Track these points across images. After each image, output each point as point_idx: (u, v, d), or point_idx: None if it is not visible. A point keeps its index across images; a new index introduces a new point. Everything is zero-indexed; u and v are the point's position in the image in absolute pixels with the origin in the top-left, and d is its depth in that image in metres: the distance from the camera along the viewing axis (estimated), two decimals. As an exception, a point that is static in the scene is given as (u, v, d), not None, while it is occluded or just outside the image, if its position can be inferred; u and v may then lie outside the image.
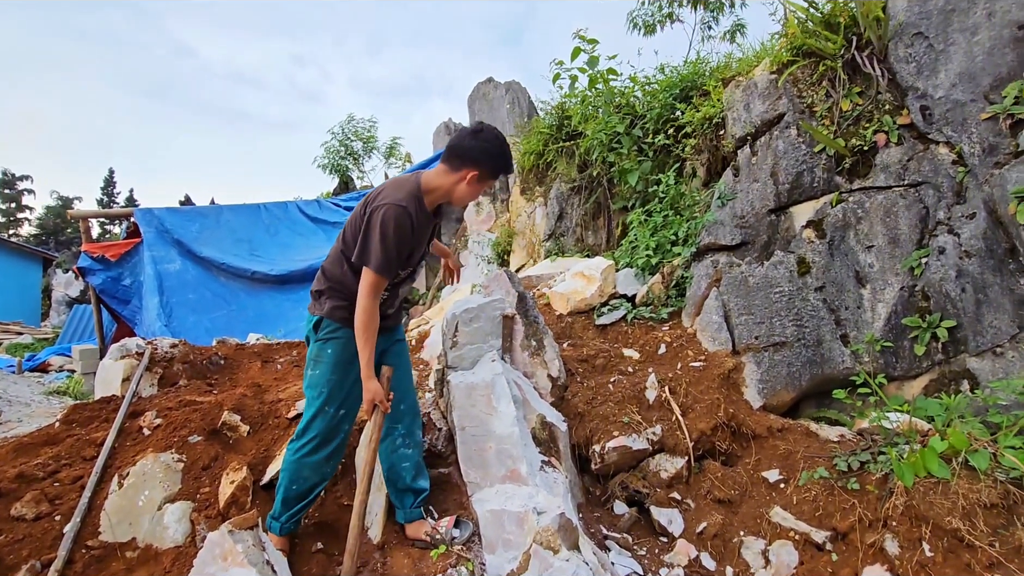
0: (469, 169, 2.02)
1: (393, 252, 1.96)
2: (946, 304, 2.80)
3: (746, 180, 3.56)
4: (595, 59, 4.72)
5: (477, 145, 2.02)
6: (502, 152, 2.05)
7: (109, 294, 7.46)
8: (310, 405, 2.21)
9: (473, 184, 2.05)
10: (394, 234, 1.94)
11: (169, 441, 2.78)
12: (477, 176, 2.04)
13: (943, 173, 2.95)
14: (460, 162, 2.03)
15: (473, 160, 2.02)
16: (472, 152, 2.02)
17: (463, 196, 2.09)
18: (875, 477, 2.26)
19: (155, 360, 3.56)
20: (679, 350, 3.28)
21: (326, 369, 2.16)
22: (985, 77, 2.88)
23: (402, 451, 2.41)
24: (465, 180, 2.04)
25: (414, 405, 2.49)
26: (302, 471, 2.22)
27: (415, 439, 2.46)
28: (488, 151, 2.02)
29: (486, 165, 2.03)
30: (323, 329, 2.17)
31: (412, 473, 2.45)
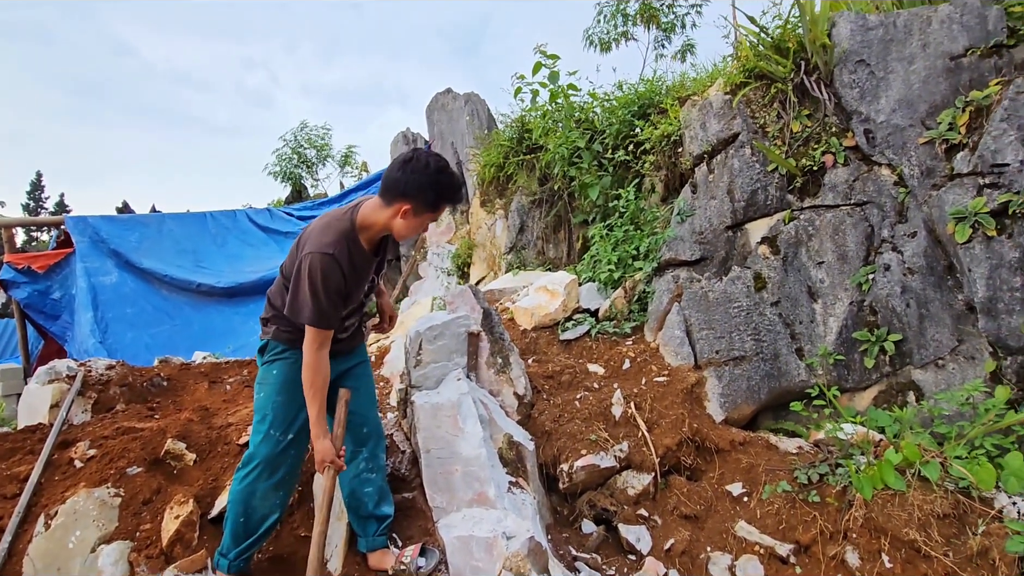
0: (401, 203, 1.84)
1: (325, 304, 1.84)
2: (892, 319, 2.94)
3: (704, 197, 3.65)
4: (556, 74, 4.76)
5: (405, 177, 1.82)
6: (436, 182, 1.83)
7: (36, 309, 6.90)
8: (256, 430, 2.08)
9: (409, 218, 1.87)
10: (322, 285, 1.81)
11: (105, 474, 2.56)
12: (411, 210, 1.85)
13: (886, 193, 3.12)
14: (391, 196, 1.86)
15: (402, 193, 1.83)
16: (401, 185, 1.83)
17: (402, 231, 1.92)
18: (834, 489, 2.32)
19: (88, 383, 3.28)
20: (643, 365, 3.30)
21: (271, 391, 2.04)
22: (922, 104, 3.06)
23: (365, 476, 2.30)
24: (399, 215, 1.86)
25: (377, 427, 2.38)
26: (250, 501, 2.07)
27: (379, 463, 2.35)
28: (419, 183, 1.81)
29: (418, 198, 1.83)
30: (269, 351, 2.06)
31: (375, 499, 2.34)
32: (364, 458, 2.30)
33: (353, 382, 2.24)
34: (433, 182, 1.83)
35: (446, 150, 8.13)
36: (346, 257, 1.86)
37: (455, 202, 1.98)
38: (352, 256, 1.88)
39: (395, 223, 1.90)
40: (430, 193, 1.84)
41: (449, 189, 1.89)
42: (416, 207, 1.85)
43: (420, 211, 1.87)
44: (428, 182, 1.82)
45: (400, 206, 1.85)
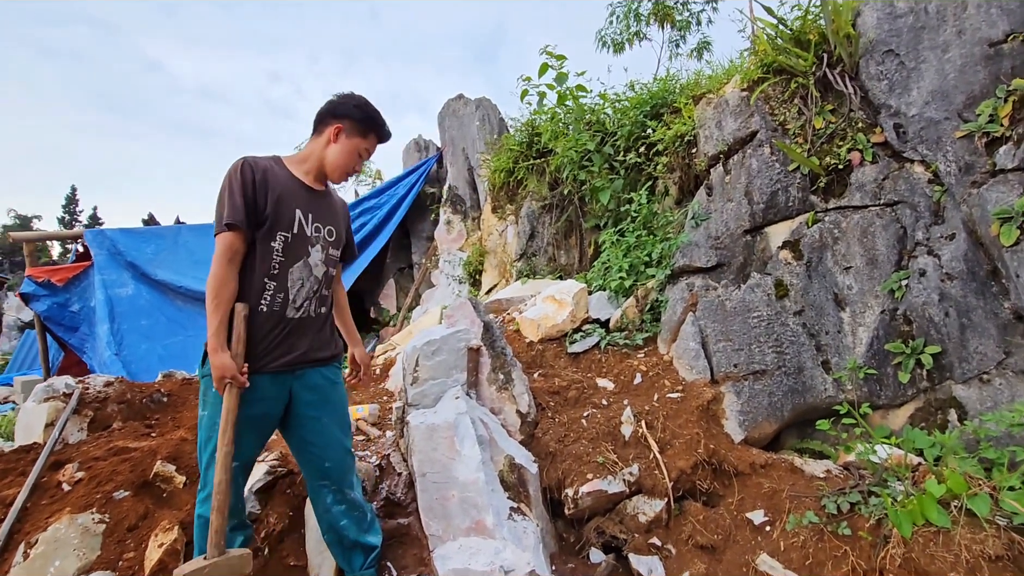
0: (331, 125, 1.94)
1: (235, 199, 1.78)
2: (929, 329, 2.69)
3: (720, 200, 3.44)
4: (563, 75, 4.60)
5: (333, 102, 1.96)
6: (368, 105, 1.97)
7: (55, 321, 7.00)
8: (201, 452, 1.89)
9: (342, 140, 1.94)
10: (231, 182, 1.80)
11: (91, 498, 2.47)
12: (343, 129, 1.93)
13: (919, 192, 2.87)
14: (322, 123, 1.96)
15: (334, 114, 1.94)
16: (333, 108, 1.95)
17: (336, 158, 1.95)
18: (868, 522, 2.09)
19: (85, 401, 3.22)
20: (655, 380, 3.10)
21: (214, 411, 1.83)
22: (958, 95, 2.81)
23: (335, 509, 2.08)
24: (333, 138, 1.94)
25: (343, 460, 2.09)
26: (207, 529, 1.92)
27: (347, 496, 2.10)
28: (347, 103, 1.94)
29: (351, 115, 1.94)
30: (206, 365, 1.83)
31: (356, 528, 2.12)
32: (330, 491, 2.07)
33: (316, 411, 1.99)
34: (363, 104, 1.96)
35: (457, 156, 8.02)
36: (262, 164, 1.87)
37: (384, 133, 2.04)
38: (271, 167, 1.89)
39: (329, 150, 1.95)
40: (359, 112, 1.94)
41: (378, 115, 2.00)
42: (347, 127, 1.94)
43: (351, 133, 1.95)
44: (357, 104, 1.96)
45: (332, 127, 1.93)
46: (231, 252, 1.79)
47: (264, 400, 1.86)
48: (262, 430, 1.91)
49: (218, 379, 1.75)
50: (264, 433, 1.93)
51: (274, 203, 1.84)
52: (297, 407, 1.96)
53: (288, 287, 1.88)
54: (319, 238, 1.97)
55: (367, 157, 2.03)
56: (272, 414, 1.91)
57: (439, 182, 8.56)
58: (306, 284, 1.93)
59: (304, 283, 1.92)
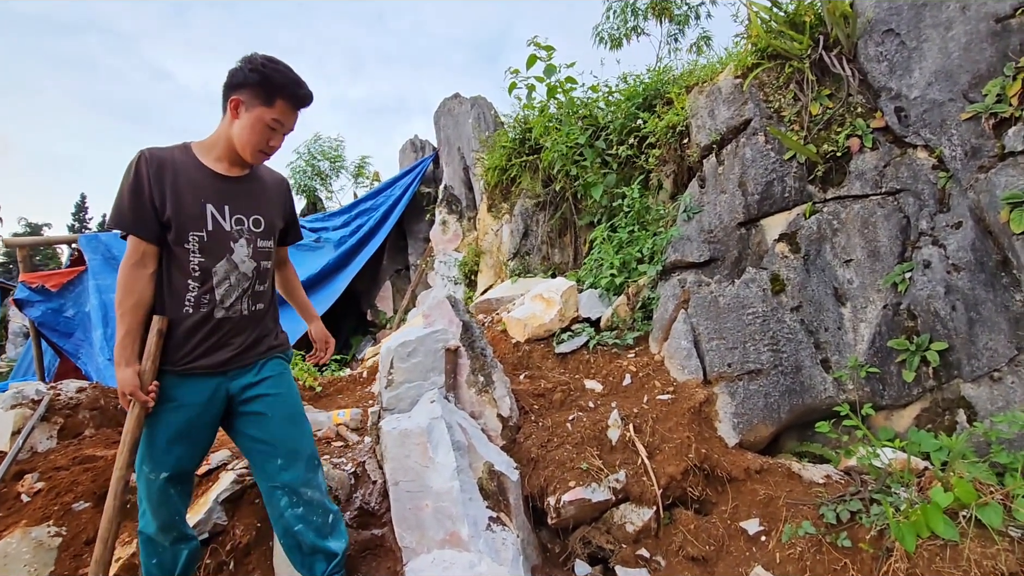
0: (231, 99, 1.69)
1: (126, 200, 1.62)
2: (935, 324, 2.52)
3: (713, 191, 3.28)
4: (553, 67, 4.46)
5: (237, 66, 1.69)
6: (265, 66, 1.67)
7: (49, 327, 6.95)
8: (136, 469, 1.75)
9: (243, 116, 1.69)
10: (124, 180, 1.65)
11: (48, 510, 2.35)
12: (243, 101, 1.68)
13: (923, 179, 2.70)
14: (225, 97, 1.72)
15: (232, 85, 1.69)
16: (232, 76, 1.69)
17: (241, 135, 1.70)
18: (869, 533, 1.93)
19: (55, 408, 3.12)
20: (645, 380, 2.95)
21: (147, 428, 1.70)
22: (963, 75, 2.64)
23: (290, 512, 1.86)
24: (234, 114, 1.70)
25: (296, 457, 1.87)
26: (152, 542, 1.80)
27: (304, 497, 1.88)
28: (248, 68, 1.67)
29: (247, 82, 1.66)
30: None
31: (313, 533, 1.89)
32: (284, 493, 1.86)
33: (259, 406, 1.83)
34: (259, 63, 1.68)
35: (453, 156, 7.91)
36: (159, 157, 1.68)
37: (295, 96, 1.74)
38: (171, 159, 1.70)
39: (233, 128, 1.72)
40: (255, 76, 1.66)
41: (280, 75, 1.70)
42: (246, 98, 1.68)
43: (252, 103, 1.69)
44: (253, 67, 1.67)
45: (231, 101, 1.69)
46: (136, 255, 1.64)
47: (189, 406, 1.72)
48: (193, 437, 1.76)
49: (120, 395, 1.63)
50: (196, 440, 1.77)
51: (175, 201, 1.66)
52: (237, 407, 1.81)
53: (214, 287, 1.73)
54: (242, 231, 1.78)
55: (283, 129, 1.76)
56: (202, 419, 1.76)
57: (435, 182, 8.46)
58: (232, 280, 1.77)
59: (230, 279, 1.76)
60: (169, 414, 1.68)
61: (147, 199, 1.63)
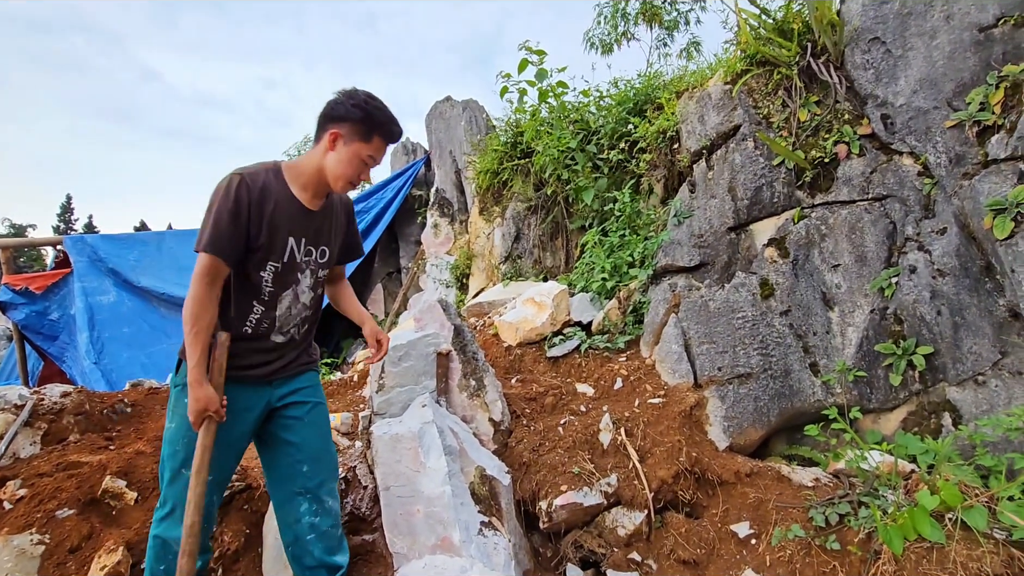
0: (329, 131, 1.69)
1: (224, 224, 1.61)
2: (921, 328, 2.55)
3: (703, 196, 3.31)
4: (544, 72, 4.48)
5: (332, 103, 1.70)
6: (368, 103, 1.68)
7: (33, 330, 6.85)
8: (164, 468, 1.79)
9: (340, 148, 1.69)
10: (221, 202, 1.61)
11: (31, 517, 2.31)
12: (341, 136, 1.68)
13: (909, 185, 2.74)
14: (321, 129, 1.72)
15: (332, 117, 1.69)
16: (330, 110, 1.70)
17: (336, 167, 1.70)
18: (858, 536, 1.95)
19: (39, 413, 3.06)
20: (637, 384, 2.96)
21: (183, 423, 1.73)
22: (947, 83, 2.69)
23: (307, 520, 1.93)
24: (331, 146, 1.69)
25: (324, 467, 1.99)
26: (167, 547, 1.77)
27: (325, 506, 1.97)
28: (346, 105, 1.67)
29: (350, 117, 1.67)
30: (180, 373, 1.76)
31: (322, 546, 1.96)
32: (305, 499, 1.94)
33: (295, 412, 1.91)
34: (362, 103, 1.68)
35: (445, 159, 7.90)
36: (259, 183, 1.67)
37: (391, 134, 1.76)
38: (269, 186, 1.68)
39: (328, 159, 1.71)
40: (358, 112, 1.67)
41: (381, 113, 1.71)
42: (346, 132, 1.68)
43: (351, 138, 1.68)
44: (356, 103, 1.68)
45: (330, 133, 1.69)
46: (212, 274, 1.64)
47: (239, 411, 1.77)
48: (237, 445, 1.81)
49: (199, 412, 1.63)
50: (239, 448, 1.84)
51: (268, 232, 1.68)
52: (275, 413, 1.89)
53: (276, 315, 1.79)
54: (309, 262, 1.83)
55: (373, 164, 1.78)
56: (248, 427, 1.82)
57: (427, 185, 8.44)
58: (293, 310, 1.83)
59: (292, 309, 1.83)
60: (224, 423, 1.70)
61: (243, 226, 1.64)
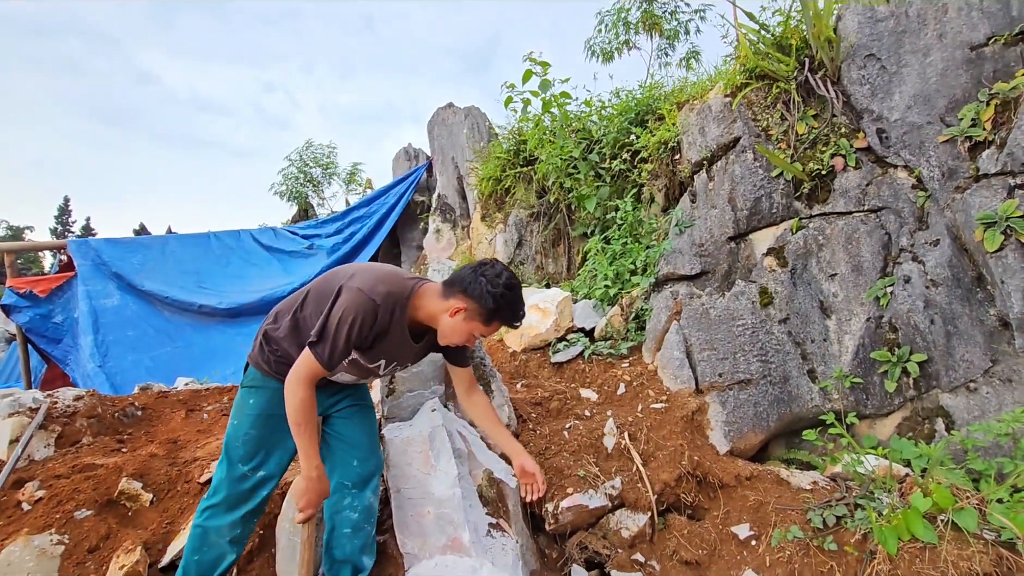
0: (458, 300, 1.72)
1: (342, 343, 1.67)
2: (915, 336, 2.64)
3: (704, 206, 3.40)
4: (547, 82, 4.57)
5: (474, 277, 1.71)
6: (502, 295, 1.69)
7: (37, 333, 6.89)
8: (222, 460, 1.90)
9: (459, 320, 1.73)
10: (348, 323, 1.65)
11: (50, 518, 2.37)
12: (465, 312, 1.72)
13: (903, 198, 2.83)
14: (452, 290, 1.74)
15: (463, 291, 1.71)
16: (466, 282, 1.71)
17: (449, 333, 1.77)
18: (854, 536, 2.02)
19: (53, 416, 3.12)
20: (639, 390, 3.03)
21: (246, 423, 1.87)
22: (940, 99, 2.79)
23: (347, 513, 2.06)
24: (452, 311, 1.73)
25: (371, 465, 2.12)
26: (207, 536, 1.89)
27: (365, 503, 2.09)
28: (483, 288, 1.69)
29: (477, 301, 1.70)
30: (248, 376, 1.90)
31: (356, 542, 2.09)
32: (350, 493, 2.06)
33: (348, 411, 2.08)
34: (499, 295, 1.70)
35: (447, 165, 7.99)
36: (388, 315, 1.72)
37: (511, 323, 1.80)
38: (393, 318, 1.74)
39: (444, 319, 1.76)
40: (491, 301, 1.70)
41: (509, 308, 1.74)
42: (471, 311, 1.73)
43: (473, 317, 1.74)
44: (493, 291, 1.70)
45: (456, 303, 1.73)
46: (317, 378, 1.73)
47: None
48: (290, 443, 1.90)
49: (309, 503, 1.73)
50: (290, 447, 1.94)
51: (367, 353, 1.78)
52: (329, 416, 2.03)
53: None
54: (374, 372, 1.91)
55: (481, 337, 1.86)
56: None
57: (429, 191, 8.53)
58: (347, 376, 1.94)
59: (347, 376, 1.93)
60: (281, 420, 1.78)
61: (353, 345, 1.71)
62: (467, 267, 1.77)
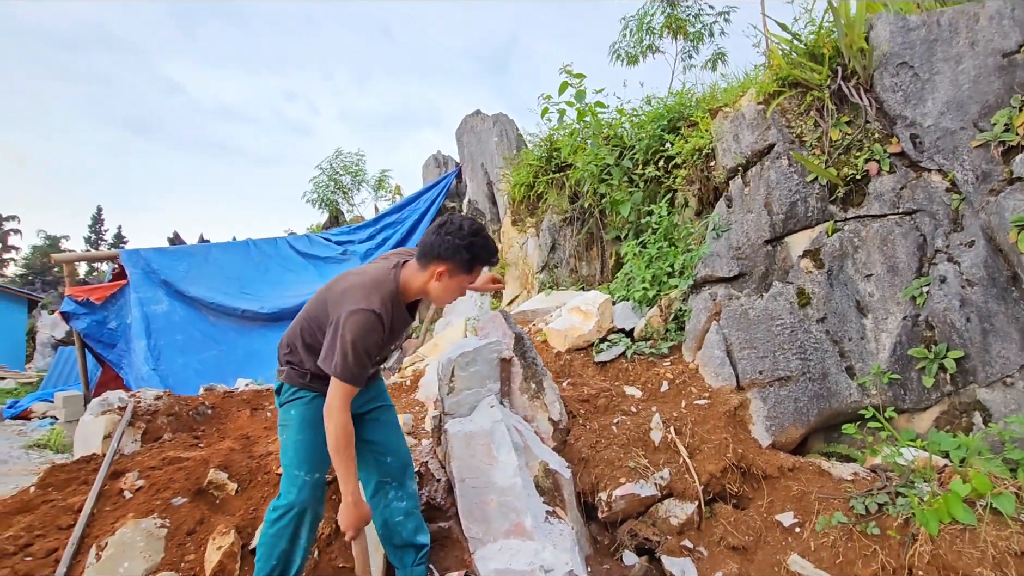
0: (436, 266, 1.89)
1: (361, 361, 1.82)
2: (951, 334, 2.75)
3: (740, 211, 3.54)
4: (582, 93, 4.75)
5: (440, 240, 1.87)
6: (471, 244, 1.86)
7: (94, 338, 7.27)
8: (284, 472, 2.08)
9: (445, 280, 1.90)
10: (362, 344, 1.81)
11: (151, 504, 2.63)
12: (446, 271, 1.89)
13: (938, 201, 2.94)
14: (427, 259, 1.91)
15: (437, 256, 1.88)
16: (436, 247, 1.88)
17: (441, 295, 1.95)
18: (896, 521, 2.16)
19: (138, 414, 3.41)
20: (682, 387, 3.19)
21: (293, 432, 2.03)
22: (973, 105, 2.89)
23: (395, 505, 2.27)
24: (435, 277, 1.90)
25: (404, 456, 2.33)
26: (279, 544, 2.05)
27: (408, 491, 2.31)
28: (453, 245, 1.85)
29: (453, 259, 1.87)
30: (284, 393, 2.08)
31: (409, 526, 2.29)
32: (392, 487, 2.28)
33: (376, 414, 2.25)
34: (467, 244, 1.86)
35: (476, 171, 8.21)
36: (388, 317, 1.88)
37: (491, 263, 1.97)
38: (393, 316, 1.91)
39: (432, 286, 1.93)
40: (464, 253, 1.86)
41: (484, 251, 1.90)
42: (451, 268, 1.89)
43: (455, 272, 1.90)
44: (462, 244, 1.85)
45: (435, 268, 1.89)
46: (350, 398, 1.86)
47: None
48: None
49: (353, 527, 1.88)
50: None
51: (380, 353, 1.97)
52: (358, 418, 2.14)
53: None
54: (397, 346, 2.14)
55: (471, 285, 2.04)
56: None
57: (459, 196, 8.76)
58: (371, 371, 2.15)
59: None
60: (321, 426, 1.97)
61: (374, 355, 1.90)
62: (429, 232, 1.92)
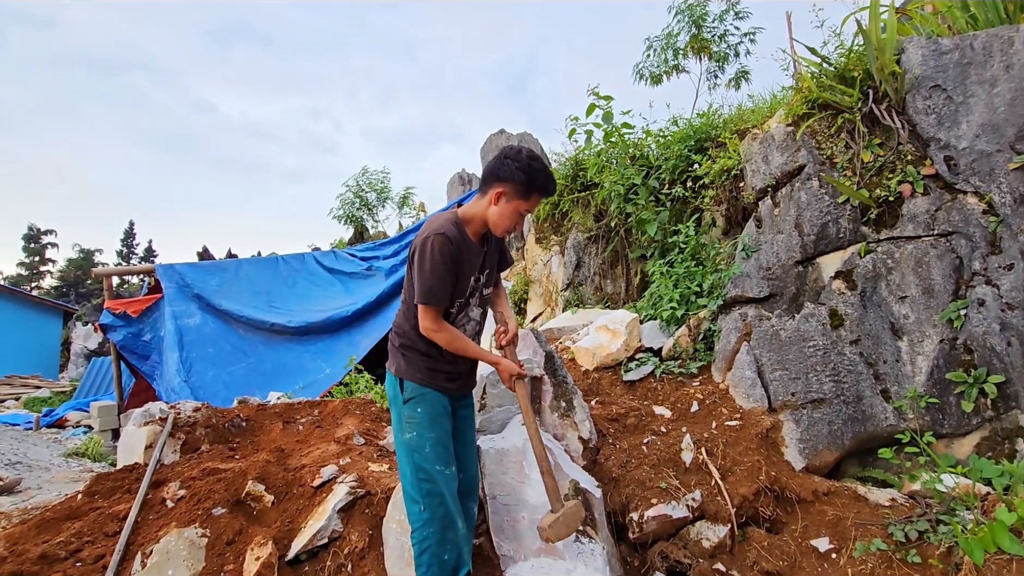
0: (495, 189, 1.98)
1: (440, 278, 1.93)
2: (991, 358, 2.71)
3: (769, 231, 3.54)
4: (609, 114, 4.83)
5: (499, 163, 1.98)
6: (528, 166, 1.94)
7: (129, 350, 7.49)
8: (417, 471, 2.06)
9: (503, 204, 1.98)
10: (437, 260, 1.91)
11: (192, 514, 2.71)
12: (505, 194, 1.97)
13: (974, 223, 2.91)
14: (487, 184, 2.02)
15: (497, 177, 1.97)
16: (497, 170, 1.98)
17: (497, 220, 2.02)
18: (938, 550, 2.12)
19: (178, 425, 3.52)
20: (712, 407, 3.18)
21: (424, 429, 2.08)
22: (1009, 128, 2.88)
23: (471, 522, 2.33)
24: (494, 200, 1.99)
25: (473, 477, 2.37)
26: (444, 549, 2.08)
27: (468, 512, 2.32)
28: (511, 168, 1.95)
29: (513, 179, 1.94)
30: (406, 391, 2.11)
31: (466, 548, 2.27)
32: (470, 499, 2.33)
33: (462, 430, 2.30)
34: (525, 166, 1.94)
35: (501, 189, 8.32)
36: (455, 235, 1.96)
37: (547, 192, 2.04)
38: (458, 240, 1.97)
39: (491, 211, 2.01)
40: (521, 175, 1.94)
41: (541, 175, 1.97)
42: (508, 191, 1.97)
43: (512, 196, 1.97)
44: (520, 166, 1.94)
45: (495, 191, 1.98)
46: (437, 317, 2.01)
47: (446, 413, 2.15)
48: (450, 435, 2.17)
49: (508, 378, 2.11)
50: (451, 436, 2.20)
51: (462, 282, 2.04)
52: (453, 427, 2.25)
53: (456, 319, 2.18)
54: (477, 289, 2.16)
55: (529, 213, 2.12)
56: (450, 422, 2.19)
57: (483, 214, 8.86)
58: (467, 329, 2.19)
59: (465, 328, 2.18)
60: (445, 421, 2.12)
61: (450, 281, 1.98)
62: (493, 159, 2.02)
